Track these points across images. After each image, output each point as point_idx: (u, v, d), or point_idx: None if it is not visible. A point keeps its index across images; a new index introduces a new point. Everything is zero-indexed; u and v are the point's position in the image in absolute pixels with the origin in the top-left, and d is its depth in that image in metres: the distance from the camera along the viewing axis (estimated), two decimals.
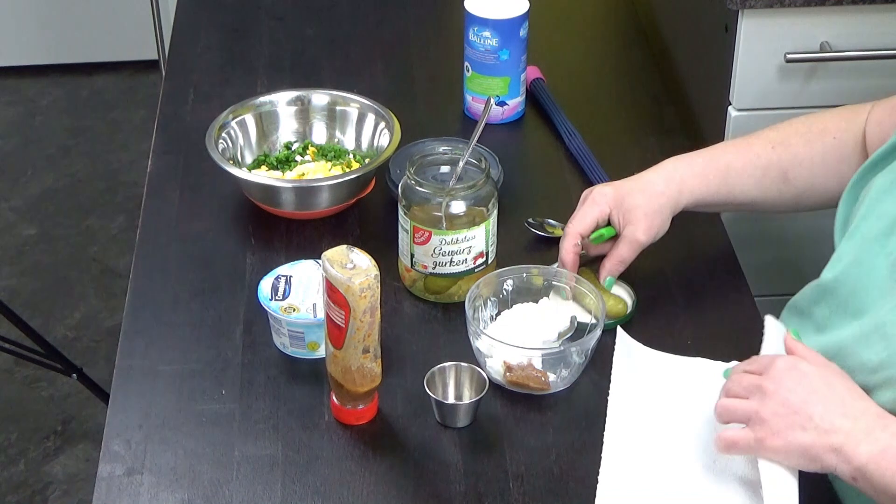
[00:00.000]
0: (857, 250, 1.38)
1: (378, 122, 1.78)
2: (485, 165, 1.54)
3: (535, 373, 1.43)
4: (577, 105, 1.95)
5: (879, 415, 1.20)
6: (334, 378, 1.40)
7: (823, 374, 1.24)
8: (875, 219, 1.37)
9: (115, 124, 3.59)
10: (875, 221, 1.37)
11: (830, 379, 1.23)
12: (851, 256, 1.38)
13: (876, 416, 1.20)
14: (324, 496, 1.33)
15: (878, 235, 1.35)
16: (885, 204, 1.36)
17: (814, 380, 1.23)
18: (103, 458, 1.37)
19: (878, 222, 1.36)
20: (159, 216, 1.73)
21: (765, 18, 1.81)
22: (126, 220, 3.23)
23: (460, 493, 1.34)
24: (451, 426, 1.41)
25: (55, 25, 3.68)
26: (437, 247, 1.53)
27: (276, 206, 1.70)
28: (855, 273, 1.37)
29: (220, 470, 1.36)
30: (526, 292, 1.53)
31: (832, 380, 1.23)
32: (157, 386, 1.46)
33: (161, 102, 1.97)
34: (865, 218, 1.38)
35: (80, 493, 2.53)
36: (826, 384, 1.23)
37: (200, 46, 2.11)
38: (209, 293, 1.59)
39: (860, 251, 1.37)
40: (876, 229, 1.36)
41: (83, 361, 2.68)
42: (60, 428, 2.68)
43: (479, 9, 1.85)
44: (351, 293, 1.31)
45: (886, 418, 1.20)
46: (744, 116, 1.89)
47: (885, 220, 1.35)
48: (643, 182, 1.54)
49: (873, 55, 1.84)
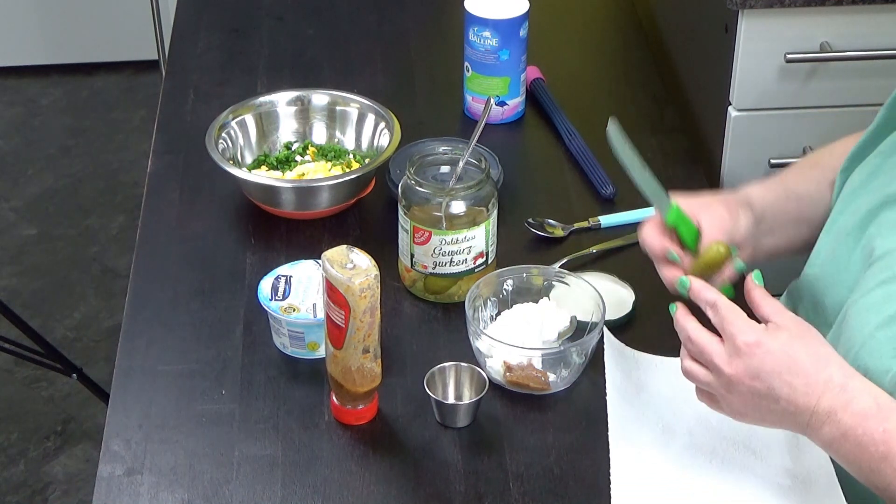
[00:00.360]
0: (833, 244, 1.40)
1: (378, 122, 1.78)
2: (485, 165, 1.54)
3: (535, 373, 1.43)
4: (577, 105, 1.95)
5: (842, 386, 1.19)
6: (334, 378, 1.40)
7: (786, 346, 1.21)
8: (850, 214, 1.39)
9: (115, 124, 3.59)
10: (850, 217, 1.39)
11: (794, 350, 1.21)
12: (828, 251, 1.40)
13: (839, 388, 1.19)
14: (324, 496, 1.33)
15: (852, 230, 1.37)
16: (860, 199, 1.38)
17: (778, 357, 1.20)
18: (103, 458, 1.37)
19: (852, 217, 1.38)
20: (159, 216, 1.73)
21: (765, 18, 1.81)
22: (126, 220, 3.23)
23: (460, 493, 1.34)
24: (451, 426, 1.41)
25: (55, 25, 3.68)
26: (437, 247, 1.53)
27: (276, 206, 1.70)
28: (831, 269, 1.39)
29: (220, 470, 1.36)
30: (526, 292, 1.53)
31: (795, 350, 1.21)
32: (157, 386, 1.46)
33: (161, 102, 1.97)
34: (841, 213, 1.41)
35: (80, 493, 2.53)
36: (790, 359, 1.20)
37: (200, 46, 2.11)
38: (209, 293, 1.59)
39: (836, 245, 1.39)
40: (850, 224, 1.38)
41: (83, 361, 2.69)
42: (60, 428, 2.68)
43: (479, 9, 1.85)
44: (351, 293, 1.31)
45: (848, 391, 1.18)
46: (744, 116, 1.89)
47: (858, 215, 1.37)
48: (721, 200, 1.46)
49: (873, 55, 1.84)
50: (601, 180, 1.77)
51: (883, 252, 1.30)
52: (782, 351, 1.20)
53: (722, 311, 1.24)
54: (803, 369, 1.20)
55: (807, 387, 1.19)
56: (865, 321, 1.27)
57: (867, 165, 1.40)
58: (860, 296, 1.30)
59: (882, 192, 1.35)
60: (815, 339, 1.23)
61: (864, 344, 1.26)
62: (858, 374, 1.21)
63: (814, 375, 1.19)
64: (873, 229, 1.34)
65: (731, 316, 1.23)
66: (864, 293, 1.30)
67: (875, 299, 1.28)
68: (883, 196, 1.35)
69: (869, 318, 1.27)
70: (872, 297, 1.28)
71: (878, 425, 1.16)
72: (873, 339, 1.25)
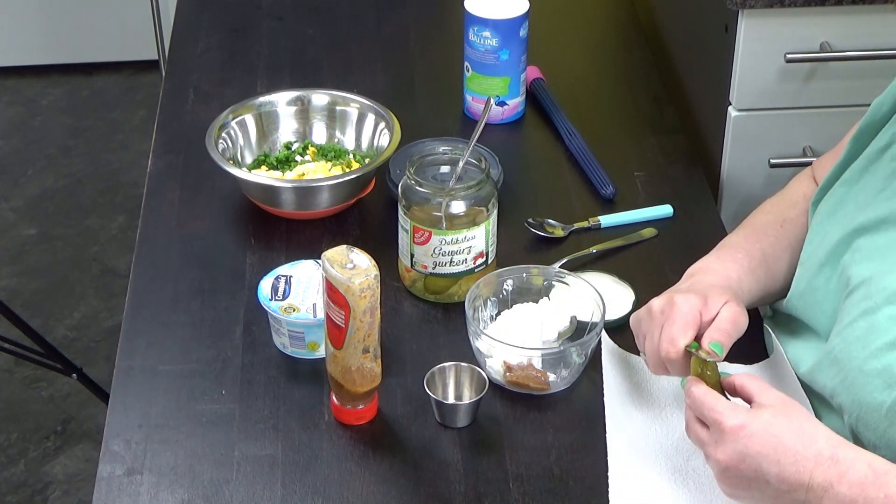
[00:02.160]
0: (808, 275, 1.40)
1: (378, 122, 1.78)
2: (485, 165, 1.54)
3: (535, 373, 1.43)
4: (577, 105, 1.95)
5: (832, 458, 1.18)
6: (334, 378, 1.40)
7: (770, 426, 1.21)
8: (818, 244, 1.40)
9: (115, 124, 3.59)
10: (818, 247, 1.39)
11: (778, 429, 1.20)
12: (805, 282, 1.41)
13: (830, 461, 1.18)
14: (324, 496, 1.33)
15: (825, 260, 1.38)
16: (829, 229, 1.39)
17: (762, 438, 1.20)
18: (103, 458, 1.37)
19: (822, 248, 1.39)
20: (159, 216, 1.73)
21: (765, 18, 1.81)
22: (126, 220, 3.23)
23: (460, 493, 1.34)
24: (451, 426, 1.41)
25: (55, 25, 3.68)
26: (437, 247, 1.53)
27: (276, 206, 1.70)
28: (810, 300, 1.40)
29: (220, 470, 1.36)
30: (526, 292, 1.53)
31: (779, 429, 1.20)
32: (157, 386, 1.46)
33: (161, 102, 1.97)
34: (810, 242, 1.42)
35: (80, 493, 2.53)
36: (774, 438, 1.20)
37: (200, 46, 2.11)
38: (209, 293, 1.59)
39: (811, 276, 1.40)
40: (822, 254, 1.38)
41: (83, 361, 2.68)
42: (60, 428, 2.68)
43: (479, 9, 1.85)
44: (351, 293, 1.31)
45: (840, 463, 1.17)
46: (744, 116, 1.90)
47: (828, 245, 1.38)
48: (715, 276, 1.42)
49: (873, 55, 1.84)
50: (601, 180, 1.77)
51: (860, 281, 1.31)
52: (766, 431, 1.20)
53: (700, 399, 1.25)
54: (790, 447, 1.19)
55: (796, 464, 1.18)
56: (852, 355, 1.27)
57: (833, 196, 1.41)
58: (843, 327, 1.30)
59: (853, 220, 1.36)
60: (798, 414, 1.22)
61: (855, 379, 1.26)
62: (847, 443, 1.20)
63: (802, 452, 1.19)
64: (847, 257, 1.34)
65: (711, 401, 1.24)
66: (846, 325, 1.30)
67: (858, 332, 1.27)
68: (855, 224, 1.35)
69: (855, 351, 1.27)
70: (856, 329, 1.28)
71: (877, 492, 1.15)
72: (862, 373, 1.25)
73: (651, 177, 1.81)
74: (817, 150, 1.91)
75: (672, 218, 1.73)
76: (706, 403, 1.24)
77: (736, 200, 1.96)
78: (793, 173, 1.94)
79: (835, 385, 1.29)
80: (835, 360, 1.30)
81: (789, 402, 1.24)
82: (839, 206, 1.40)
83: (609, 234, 1.70)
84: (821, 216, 1.42)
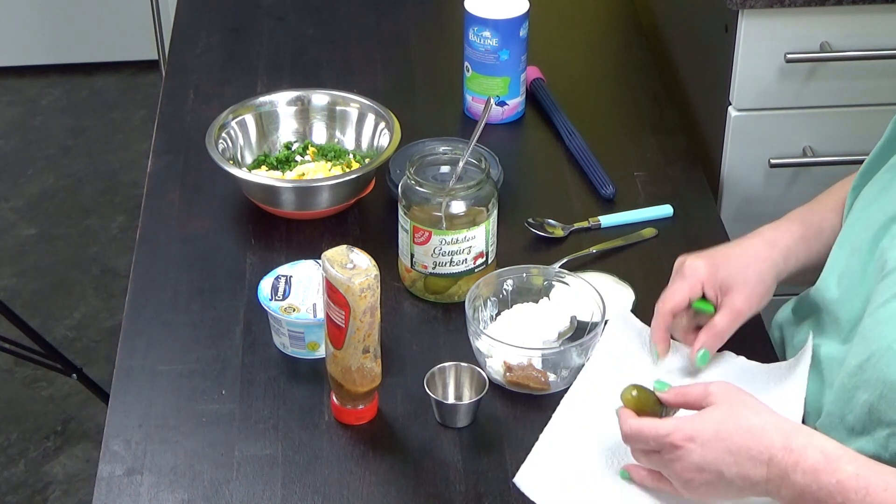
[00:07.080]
0: (846, 258, 1.41)
1: (378, 122, 1.78)
2: (485, 165, 1.54)
3: (535, 373, 1.43)
4: (577, 105, 1.95)
5: (785, 448, 1.20)
6: (334, 378, 1.40)
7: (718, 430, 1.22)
8: (862, 228, 1.40)
9: (115, 124, 3.59)
10: (862, 231, 1.39)
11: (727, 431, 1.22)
12: (842, 266, 1.41)
13: (783, 450, 1.20)
14: (324, 496, 1.33)
15: (865, 244, 1.38)
16: (872, 213, 1.39)
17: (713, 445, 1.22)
18: (103, 458, 1.37)
19: (864, 232, 1.39)
20: (159, 216, 1.73)
21: (765, 18, 1.81)
22: (126, 220, 3.23)
23: (460, 493, 1.34)
24: (451, 426, 1.41)
25: (55, 25, 3.68)
26: (437, 247, 1.53)
27: (276, 206, 1.70)
28: (845, 283, 1.40)
29: (220, 470, 1.36)
30: (526, 292, 1.53)
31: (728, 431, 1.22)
32: (157, 386, 1.46)
33: (161, 102, 1.97)
34: (853, 227, 1.41)
35: (80, 493, 2.53)
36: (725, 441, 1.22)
37: (200, 46, 2.11)
38: (209, 293, 1.59)
39: (849, 259, 1.40)
40: (863, 238, 1.39)
41: (83, 361, 2.69)
42: (60, 428, 2.68)
43: (479, 9, 1.85)
44: (351, 293, 1.31)
45: (793, 452, 1.19)
46: (744, 116, 1.90)
47: (871, 229, 1.38)
48: (741, 248, 1.46)
49: (873, 55, 1.84)
50: (601, 180, 1.77)
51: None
52: (716, 437, 1.22)
53: (636, 431, 1.27)
54: (742, 446, 1.21)
55: (752, 460, 1.21)
56: (883, 333, 1.27)
57: (878, 181, 1.41)
58: (875, 307, 1.30)
59: (894, 205, 1.36)
60: (744, 410, 1.24)
61: (883, 356, 1.26)
62: (800, 428, 1.23)
63: (755, 447, 1.21)
64: (886, 242, 1.34)
65: (649, 427, 1.26)
66: (879, 305, 1.30)
67: (891, 312, 1.28)
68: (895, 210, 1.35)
69: (886, 330, 1.27)
70: (888, 309, 1.28)
71: (829, 478, 1.17)
72: (891, 350, 1.25)
73: (651, 177, 1.81)
74: (817, 150, 1.91)
75: (672, 218, 1.73)
76: (644, 432, 1.26)
77: (736, 200, 1.96)
78: (793, 173, 1.94)
79: (861, 360, 1.28)
80: (863, 338, 1.30)
81: (734, 395, 1.26)
82: (884, 192, 1.39)
83: (609, 234, 1.70)
84: (864, 200, 1.41)
